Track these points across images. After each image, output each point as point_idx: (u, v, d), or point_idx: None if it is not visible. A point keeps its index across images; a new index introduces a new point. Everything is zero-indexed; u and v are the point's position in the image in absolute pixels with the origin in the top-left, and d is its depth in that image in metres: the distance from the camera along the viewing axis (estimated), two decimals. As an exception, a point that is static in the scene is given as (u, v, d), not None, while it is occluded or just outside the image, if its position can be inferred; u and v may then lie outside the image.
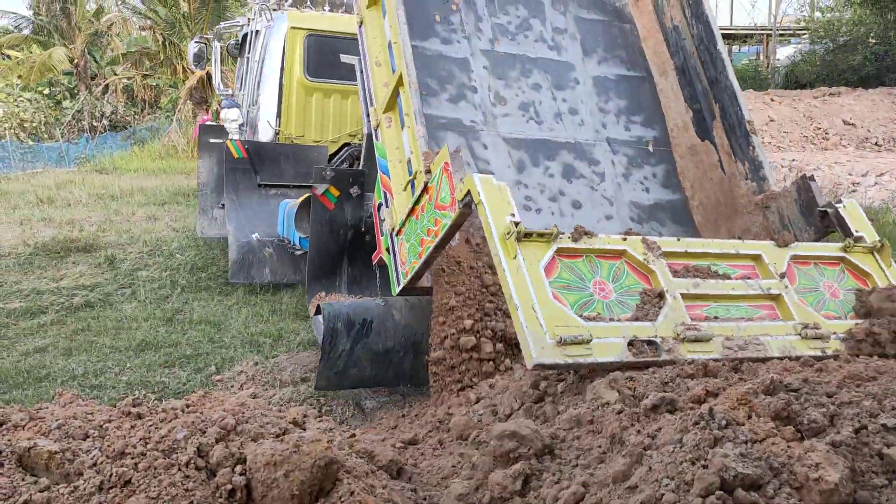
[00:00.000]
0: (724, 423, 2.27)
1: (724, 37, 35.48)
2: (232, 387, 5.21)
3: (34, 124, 22.88)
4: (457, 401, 4.09)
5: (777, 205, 4.73)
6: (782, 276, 3.97)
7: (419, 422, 4.11)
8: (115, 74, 28.13)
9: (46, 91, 29.96)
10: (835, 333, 3.74)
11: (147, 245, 9.54)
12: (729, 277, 3.92)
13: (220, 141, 8.89)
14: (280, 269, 7.55)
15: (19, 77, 29.66)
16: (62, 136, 22.28)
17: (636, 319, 3.46)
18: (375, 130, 5.06)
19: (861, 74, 23.31)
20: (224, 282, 7.78)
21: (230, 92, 10.43)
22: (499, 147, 5.15)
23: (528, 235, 3.43)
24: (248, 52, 9.69)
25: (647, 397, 2.59)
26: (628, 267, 3.72)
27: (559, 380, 3.31)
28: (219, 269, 8.17)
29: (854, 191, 11.03)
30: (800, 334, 3.67)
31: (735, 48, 40.52)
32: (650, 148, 5.58)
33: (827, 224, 4.44)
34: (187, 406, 2.80)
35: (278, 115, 8.73)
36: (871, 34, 24.26)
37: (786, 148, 15.31)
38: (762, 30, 32.17)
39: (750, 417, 2.33)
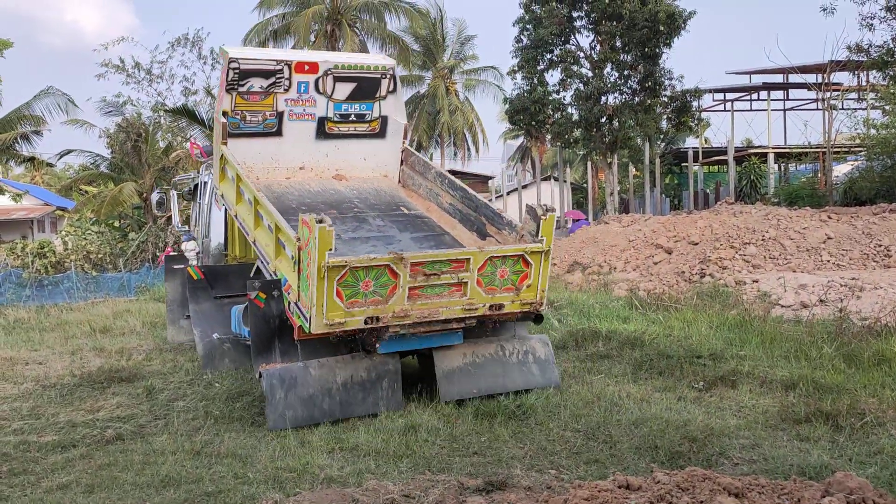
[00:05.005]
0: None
1: (779, 156, 35.49)
2: (248, 528, 4.98)
3: (100, 256, 23.80)
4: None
5: (525, 231, 7.59)
6: (479, 269, 7.09)
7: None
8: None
9: (116, 224, 31.41)
10: (483, 304, 7.27)
11: (189, 374, 9.55)
12: (445, 273, 6.98)
13: (182, 266, 11.28)
14: (237, 358, 9.67)
15: (92, 211, 31.28)
16: (124, 266, 23.06)
17: (378, 304, 6.83)
18: (274, 273, 7.73)
19: (922, 191, 22.69)
20: (258, 411, 7.65)
21: (187, 228, 13.25)
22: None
23: (334, 267, 6.50)
24: (199, 198, 12.55)
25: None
26: (388, 271, 6.75)
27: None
28: (254, 398, 8.06)
29: (920, 310, 10.44)
30: (463, 307, 7.20)
31: (791, 166, 40.29)
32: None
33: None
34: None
35: (225, 242, 11.24)
36: (929, 149, 23.81)
37: (846, 266, 14.77)
38: (817, 148, 31.92)
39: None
